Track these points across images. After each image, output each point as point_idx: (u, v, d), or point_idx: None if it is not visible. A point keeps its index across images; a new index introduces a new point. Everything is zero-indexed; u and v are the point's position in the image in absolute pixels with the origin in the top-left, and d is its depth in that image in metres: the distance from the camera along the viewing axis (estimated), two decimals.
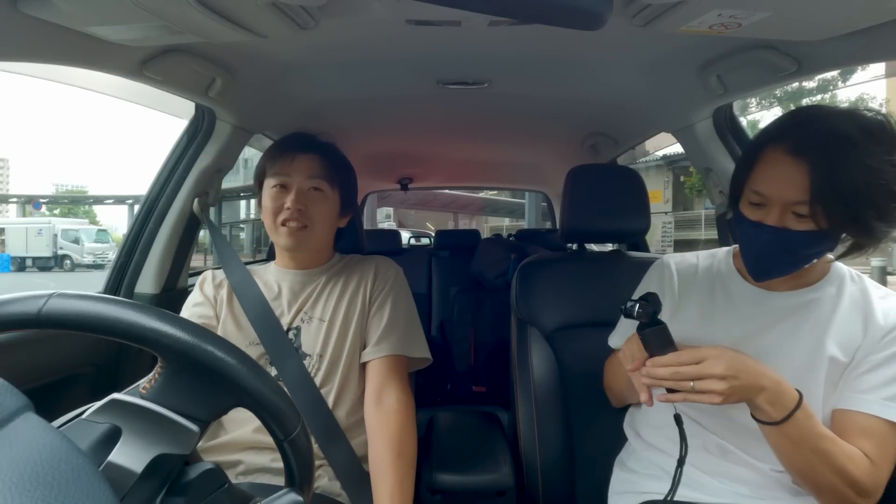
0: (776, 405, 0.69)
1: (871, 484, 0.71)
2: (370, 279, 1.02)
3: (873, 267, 8.45)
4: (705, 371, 0.67)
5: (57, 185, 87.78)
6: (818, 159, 0.67)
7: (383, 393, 0.93)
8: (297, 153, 0.98)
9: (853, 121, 0.68)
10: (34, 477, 0.25)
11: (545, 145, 2.19)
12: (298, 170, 0.97)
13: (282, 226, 0.96)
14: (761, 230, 0.73)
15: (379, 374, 0.95)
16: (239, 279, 1.00)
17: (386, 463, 0.86)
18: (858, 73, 11.21)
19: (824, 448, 0.70)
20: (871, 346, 0.76)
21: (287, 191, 0.96)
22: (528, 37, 1.07)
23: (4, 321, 0.41)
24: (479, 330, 2.44)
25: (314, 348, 0.95)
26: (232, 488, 0.46)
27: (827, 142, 0.67)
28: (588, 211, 1.17)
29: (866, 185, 0.65)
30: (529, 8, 0.59)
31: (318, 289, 1.00)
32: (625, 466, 0.95)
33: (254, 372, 0.44)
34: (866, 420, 0.73)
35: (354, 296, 1.00)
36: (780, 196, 0.71)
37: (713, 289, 0.88)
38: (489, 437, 1.19)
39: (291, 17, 0.85)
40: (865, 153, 0.65)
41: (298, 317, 0.98)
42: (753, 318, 0.82)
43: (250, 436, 0.89)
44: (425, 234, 8.05)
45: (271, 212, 0.97)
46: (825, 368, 0.76)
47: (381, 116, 1.73)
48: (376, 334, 0.98)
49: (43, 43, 0.80)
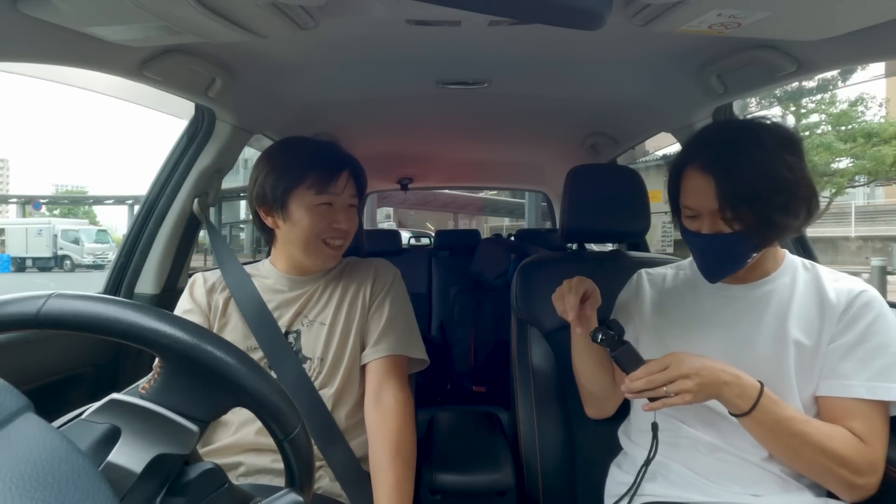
0: (743, 397, 0.76)
1: (864, 462, 0.75)
2: (370, 282, 1.02)
3: (873, 266, 8.44)
4: (673, 373, 0.76)
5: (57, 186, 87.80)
6: (721, 172, 0.78)
7: (382, 393, 0.93)
8: (340, 171, 0.95)
9: (750, 131, 0.80)
10: (34, 477, 0.25)
11: (545, 145, 2.19)
12: (342, 187, 0.95)
13: (324, 244, 0.95)
14: (700, 238, 0.84)
15: (378, 374, 0.95)
16: (236, 279, 0.99)
17: (384, 462, 0.86)
18: (858, 72, 11.18)
19: (799, 429, 0.76)
20: (832, 328, 0.82)
21: (333, 210, 0.95)
22: (528, 37, 1.07)
23: (4, 322, 0.41)
24: (479, 330, 2.44)
25: (315, 352, 0.95)
26: (232, 488, 0.46)
27: (727, 156, 0.79)
28: (588, 211, 1.17)
29: (765, 187, 0.76)
30: (529, 8, 0.59)
31: (318, 292, 1.00)
32: (619, 469, 0.98)
33: (254, 372, 0.44)
34: (853, 404, 0.78)
35: (354, 299, 1.00)
36: (704, 207, 0.81)
37: (683, 295, 0.97)
38: (489, 437, 1.19)
39: (291, 17, 0.85)
40: (760, 159, 0.77)
41: (298, 320, 0.97)
42: (721, 313, 0.90)
43: (252, 438, 0.89)
44: (425, 234, 8.05)
45: (315, 229, 0.94)
46: (792, 354, 0.82)
47: (380, 116, 1.73)
48: (375, 335, 0.98)
49: (43, 43, 0.80)
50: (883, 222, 13.63)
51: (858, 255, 11.91)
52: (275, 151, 1.00)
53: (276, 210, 0.95)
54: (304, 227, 0.93)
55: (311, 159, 0.95)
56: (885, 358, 0.78)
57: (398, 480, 0.85)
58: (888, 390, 0.76)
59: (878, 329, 0.80)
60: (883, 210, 14.69)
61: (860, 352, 0.79)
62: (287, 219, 0.95)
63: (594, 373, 1.01)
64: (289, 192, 0.93)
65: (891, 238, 11.87)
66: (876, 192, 17.68)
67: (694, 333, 0.90)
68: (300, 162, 0.95)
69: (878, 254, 10.40)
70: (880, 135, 11.15)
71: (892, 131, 11.04)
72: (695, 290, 0.95)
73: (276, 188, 0.94)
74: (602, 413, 1.06)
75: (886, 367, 0.77)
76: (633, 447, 0.96)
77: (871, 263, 8.71)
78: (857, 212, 13.80)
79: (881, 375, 0.77)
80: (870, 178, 12.37)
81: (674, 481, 0.86)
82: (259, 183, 0.96)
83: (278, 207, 0.95)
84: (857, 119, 11.94)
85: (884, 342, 0.79)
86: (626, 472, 0.94)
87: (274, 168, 0.95)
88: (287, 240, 0.97)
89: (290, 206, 0.94)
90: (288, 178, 0.93)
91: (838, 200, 12.94)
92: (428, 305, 2.66)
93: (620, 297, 1.06)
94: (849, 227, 13.37)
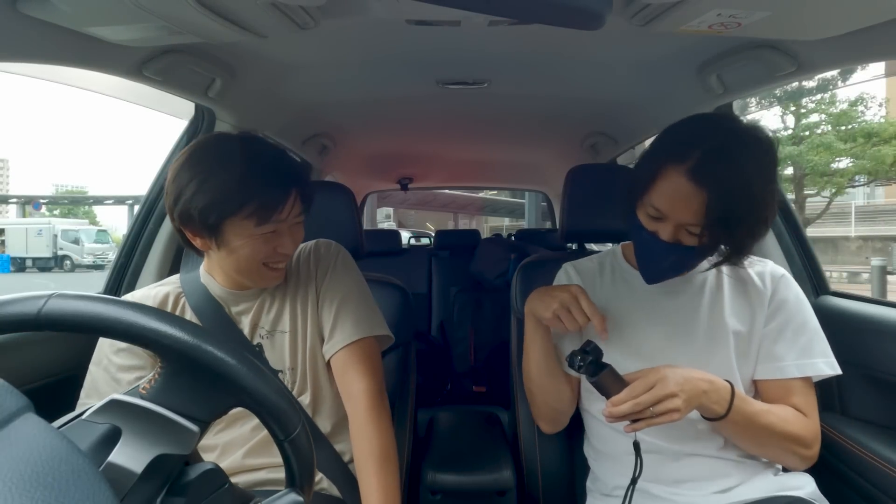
0: (720, 402, 0.76)
1: (811, 435, 0.82)
2: (314, 269, 0.94)
3: (873, 266, 8.44)
4: (661, 393, 0.72)
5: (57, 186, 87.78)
6: (715, 190, 0.72)
7: (349, 385, 0.87)
8: (287, 195, 0.81)
9: (748, 149, 0.74)
10: (34, 477, 0.25)
11: (545, 145, 2.19)
12: (287, 212, 0.82)
13: (265, 267, 0.84)
14: (657, 244, 0.80)
15: (341, 366, 0.88)
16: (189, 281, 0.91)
17: (361, 463, 0.82)
18: (858, 72, 11.19)
19: (766, 422, 0.79)
20: (763, 313, 0.85)
21: (277, 235, 0.82)
22: (528, 37, 1.07)
23: (4, 322, 0.41)
24: (479, 330, 2.44)
25: (284, 363, 0.89)
26: (232, 488, 0.46)
27: (726, 174, 0.72)
28: (588, 211, 1.17)
29: (748, 214, 0.74)
30: (529, 8, 0.59)
31: (269, 300, 0.91)
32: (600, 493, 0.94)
33: (254, 372, 0.44)
34: (789, 382, 0.84)
35: (305, 295, 0.92)
36: (677, 217, 0.77)
37: (618, 290, 0.94)
38: (489, 437, 1.19)
39: (291, 17, 0.85)
40: (754, 185, 0.72)
41: (256, 333, 0.90)
42: (658, 308, 0.89)
43: (239, 462, 0.85)
44: (425, 234, 8.04)
45: (255, 258, 0.82)
46: (732, 342, 0.85)
47: (381, 116, 1.73)
48: (328, 326, 0.89)
49: (42, 43, 0.80)
50: (883, 222, 13.64)
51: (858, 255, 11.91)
52: (201, 161, 0.79)
53: (205, 235, 0.80)
54: (244, 256, 0.81)
55: (252, 182, 0.77)
56: (806, 334, 0.84)
57: (378, 479, 0.79)
58: (814, 366, 0.83)
59: (798, 308, 0.86)
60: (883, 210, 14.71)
61: (788, 332, 0.84)
62: (222, 246, 0.81)
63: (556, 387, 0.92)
64: (223, 219, 0.77)
65: (891, 238, 11.87)
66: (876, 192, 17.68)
67: (635, 329, 0.88)
68: (236, 184, 0.76)
69: (878, 254, 10.41)
70: (880, 135, 11.15)
71: (892, 131, 11.04)
72: (627, 284, 0.93)
73: (207, 215, 0.76)
74: (557, 427, 0.99)
75: (809, 343, 0.84)
76: (602, 469, 0.93)
77: (871, 263, 8.71)
78: (857, 212, 13.82)
79: (806, 352, 0.83)
80: (870, 178, 12.37)
81: (657, 494, 0.84)
82: (184, 201, 0.77)
83: (209, 234, 0.79)
84: (857, 119, 11.94)
85: (803, 319, 0.85)
86: (606, 495, 0.91)
87: (202, 187, 0.76)
88: (222, 262, 0.85)
89: (225, 235, 0.79)
90: (221, 206, 0.76)
91: (838, 200, 12.93)
92: (428, 305, 2.66)
93: None
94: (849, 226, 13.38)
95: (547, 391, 0.94)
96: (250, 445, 0.85)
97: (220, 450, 0.86)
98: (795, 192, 12.43)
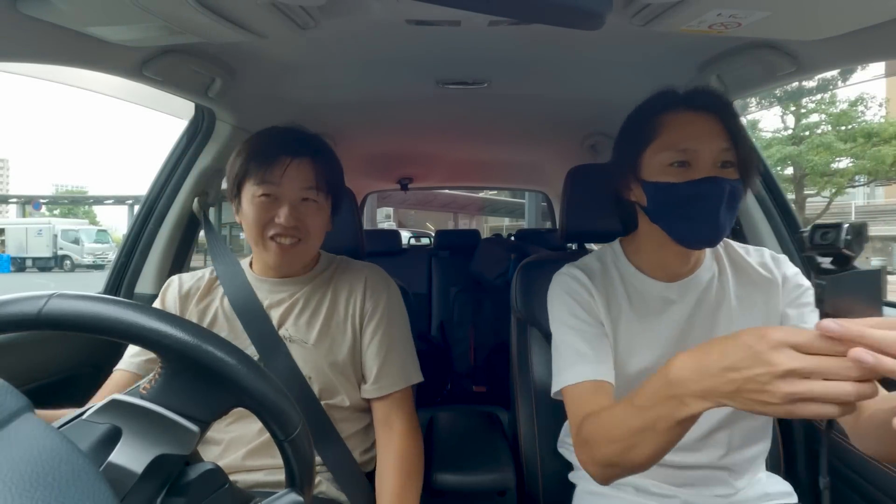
0: None
1: None
2: (359, 297, 0.93)
3: (873, 266, 8.44)
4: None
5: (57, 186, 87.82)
6: (722, 111, 0.72)
7: (391, 420, 0.92)
8: (287, 158, 0.84)
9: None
10: (34, 477, 0.25)
11: (545, 145, 2.19)
12: (290, 178, 0.84)
13: (271, 240, 0.85)
14: (695, 185, 0.70)
15: (384, 407, 0.93)
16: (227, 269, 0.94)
17: (389, 472, 0.86)
18: (858, 72, 11.21)
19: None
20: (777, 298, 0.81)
21: (277, 203, 0.85)
22: (528, 37, 1.07)
23: (4, 322, 0.41)
24: (479, 330, 2.44)
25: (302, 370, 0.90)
26: (232, 488, 0.46)
27: (718, 101, 0.74)
28: (588, 211, 1.17)
29: (749, 144, 0.73)
30: (529, 8, 0.59)
31: (302, 302, 0.91)
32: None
33: (254, 372, 0.44)
34: None
35: (344, 319, 0.92)
36: (709, 146, 0.71)
37: (627, 292, 0.84)
38: (489, 437, 1.19)
39: (291, 17, 0.85)
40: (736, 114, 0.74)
41: (280, 331, 0.90)
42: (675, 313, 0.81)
43: (239, 462, 0.85)
44: (425, 234, 8.05)
45: (257, 224, 0.85)
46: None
47: (381, 116, 1.73)
48: (374, 370, 0.91)
49: (43, 43, 0.80)
50: (883, 222, 13.65)
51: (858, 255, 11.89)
52: (246, 141, 0.92)
53: (235, 203, 0.90)
54: (250, 221, 0.86)
55: (258, 145, 0.87)
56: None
57: (402, 488, 0.84)
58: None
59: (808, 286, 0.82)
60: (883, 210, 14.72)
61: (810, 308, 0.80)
62: (240, 211, 0.89)
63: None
64: (240, 183, 0.87)
65: (891, 238, 11.88)
66: (876, 192, 17.70)
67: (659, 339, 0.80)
68: (250, 149, 0.88)
69: (878, 254, 10.41)
70: (880, 135, 11.17)
71: (892, 131, 11.06)
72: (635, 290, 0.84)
73: (234, 180, 0.89)
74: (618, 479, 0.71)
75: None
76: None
77: (870, 263, 8.71)
78: (857, 212, 13.83)
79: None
80: (870, 178, 12.39)
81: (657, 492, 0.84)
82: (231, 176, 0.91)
83: (237, 200, 0.89)
84: (857, 119, 11.96)
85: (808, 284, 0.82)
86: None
87: (235, 159, 0.90)
88: (247, 234, 0.90)
89: (242, 198, 0.88)
90: (239, 168, 0.87)
91: (838, 200, 12.95)
92: (428, 305, 2.66)
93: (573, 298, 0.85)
94: None
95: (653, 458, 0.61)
96: (254, 445, 0.85)
97: (225, 445, 0.87)
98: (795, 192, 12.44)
